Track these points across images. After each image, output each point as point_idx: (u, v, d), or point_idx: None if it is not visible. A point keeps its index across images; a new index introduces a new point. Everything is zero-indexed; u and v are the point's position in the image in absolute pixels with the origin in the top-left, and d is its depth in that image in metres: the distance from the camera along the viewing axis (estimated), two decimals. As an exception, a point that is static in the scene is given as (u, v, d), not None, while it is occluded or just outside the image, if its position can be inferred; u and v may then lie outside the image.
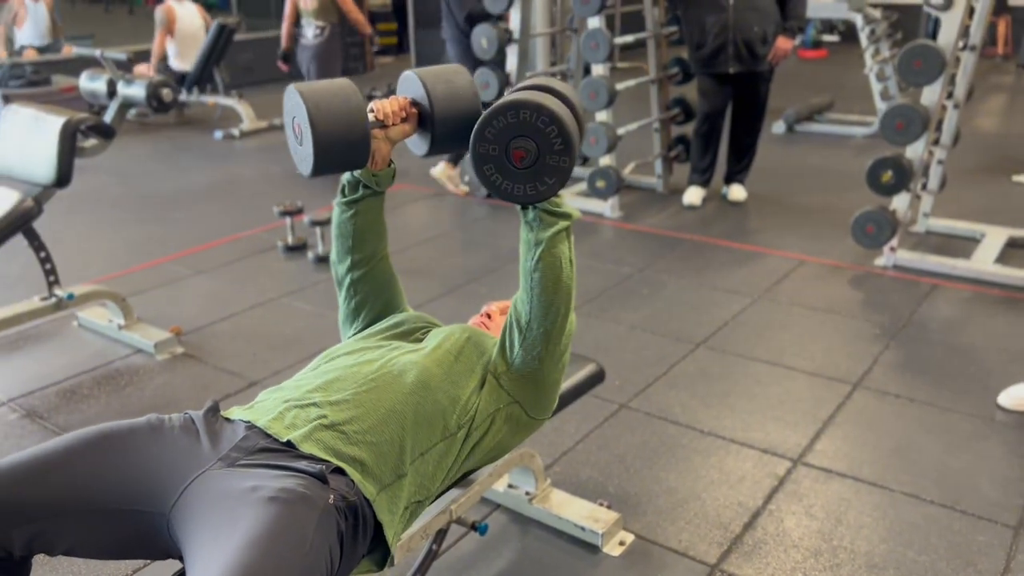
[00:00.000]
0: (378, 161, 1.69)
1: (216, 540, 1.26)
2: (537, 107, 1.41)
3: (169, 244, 4.39)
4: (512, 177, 1.45)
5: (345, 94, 1.54)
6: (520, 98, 1.43)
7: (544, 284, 1.55)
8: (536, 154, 1.43)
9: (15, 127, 2.94)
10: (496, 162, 1.45)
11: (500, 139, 1.44)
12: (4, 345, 3.27)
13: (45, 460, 1.40)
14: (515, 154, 1.44)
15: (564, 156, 1.44)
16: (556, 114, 1.42)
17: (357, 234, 1.76)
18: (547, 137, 1.42)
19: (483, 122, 1.44)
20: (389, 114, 1.63)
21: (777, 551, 2.13)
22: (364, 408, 1.50)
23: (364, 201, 1.74)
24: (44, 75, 6.89)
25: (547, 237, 1.53)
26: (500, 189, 1.47)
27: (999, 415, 2.71)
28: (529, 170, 1.45)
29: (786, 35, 4.53)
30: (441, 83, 1.63)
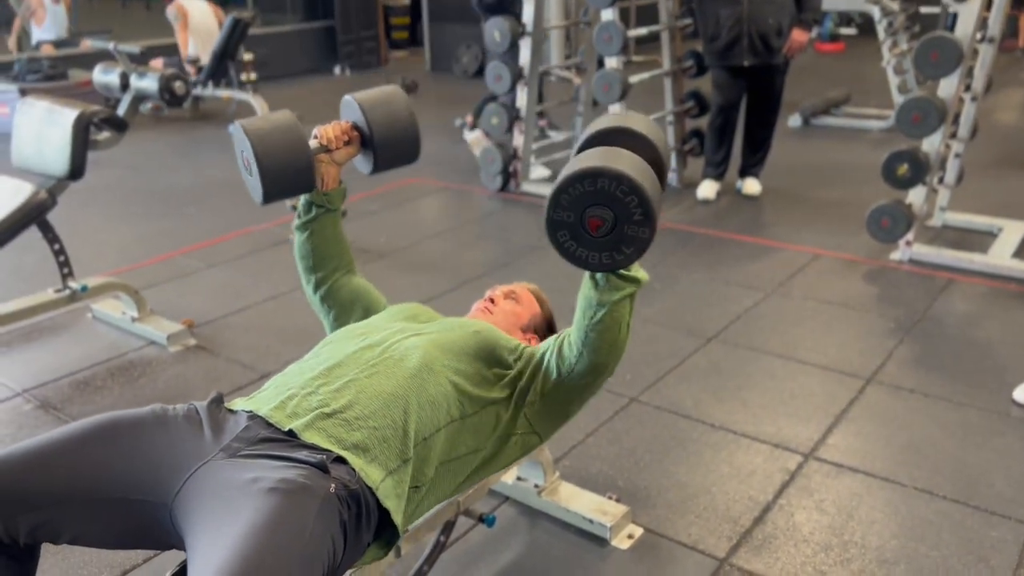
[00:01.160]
0: (328, 182, 1.80)
1: (217, 531, 1.27)
2: (617, 176, 1.34)
3: (182, 237, 4.41)
4: (587, 245, 1.39)
5: (287, 126, 1.66)
6: (600, 166, 1.35)
7: (599, 345, 1.53)
8: (613, 223, 1.36)
9: (30, 120, 2.96)
10: (571, 229, 1.39)
11: (576, 206, 1.37)
12: (19, 337, 3.30)
13: (50, 450, 1.42)
14: (591, 222, 1.37)
15: (644, 227, 1.36)
16: (637, 183, 1.34)
17: (316, 253, 1.84)
18: (626, 207, 1.35)
19: (559, 188, 1.37)
20: (332, 139, 1.76)
21: (787, 545, 2.11)
22: (366, 394, 1.50)
23: (318, 220, 1.82)
24: (61, 69, 6.93)
25: (612, 301, 1.48)
26: (574, 256, 1.41)
27: (1015, 411, 2.68)
28: (606, 239, 1.38)
29: (801, 27, 4.50)
30: (378, 106, 1.75)
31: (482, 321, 1.79)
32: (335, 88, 8.57)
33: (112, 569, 2.07)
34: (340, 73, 9.78)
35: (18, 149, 3.01)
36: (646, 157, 1.45)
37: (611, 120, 1.55)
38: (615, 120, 1.55)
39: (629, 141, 1.49)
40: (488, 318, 1.89)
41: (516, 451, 1.67)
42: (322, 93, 8.65)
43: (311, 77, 9.47)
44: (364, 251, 4.17)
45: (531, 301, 1.98)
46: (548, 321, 2.00)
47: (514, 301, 1.97)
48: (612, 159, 1.37)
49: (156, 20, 7.49)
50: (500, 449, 1.64)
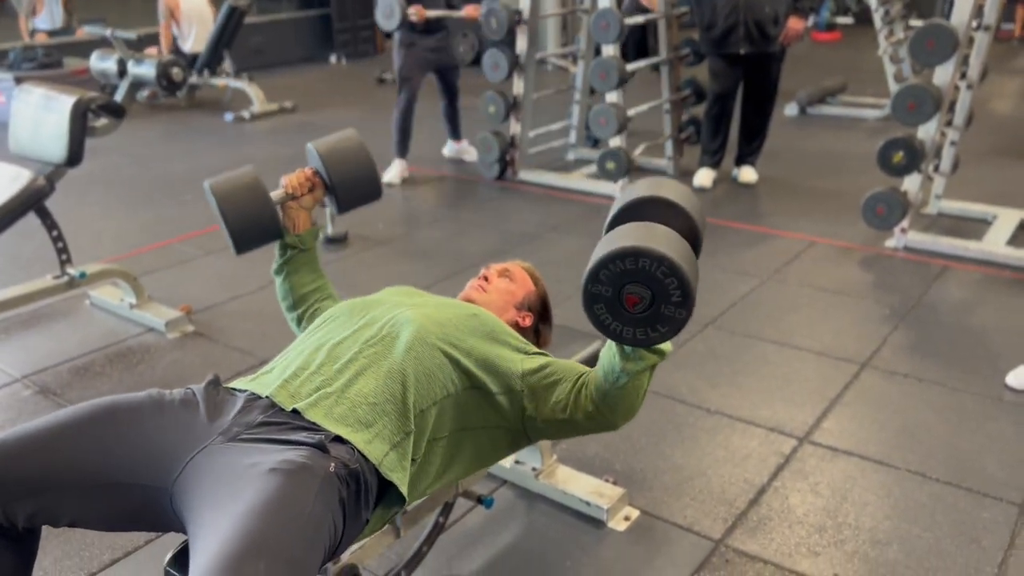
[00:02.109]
0: (298, 226, 1.90)
1: (219, 512, 1.28)
2: (659, 258, 1.33)
3: (180, 225, 4.42)
4: (623, 320, 1.39)
5: (248, 184, 1.82)
6: (641, 246, 1.34)
7: (616, 407, 1.54)
8: (651, 302, 1.36)
9: (27, 106, 2.97)
10: (608, 303, 1.39)
11: (615, 282, 1.37)
12: (17, 323, 3.31)
13: (47, 435, 1.42)
14: (629, 299, 1.37)
15: (682, 308, 1.36)
16: (677, 266, 1.33)
17: (295, 291, 1.91)
18: (665, 288, 1.35)
19: (600, 264, 1.36)
20: (296, 187, 1.86)
21: (782, 527, 2.14)
22: (366, 372, 1.52)
23: (294, 261, 1.91)
24: (56, 57, 6.92)
25: (636, 370, 1.49)
26: (609, 329, 1.41)
27: (1008, 395, 2.70)
28: (642, 316, 1.38)
29: (798, 15, 4.50)
30: (335, 152, 1.88)
31: (480, 308, 1.79)
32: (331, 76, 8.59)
33: (113, 551, 2.08)
34: (336, 62, 9.76)
35: (15, 136, 3.02)
36: (682, 228, 1.46)
37: (646, 188, 1.54)
38: (650, 188, 1.53)
39: (665, 212, 1.48)
40: (483, 296, 1.88)
41: (507, 446, 1.67)
42: (317, 82, 8.64)
43: (307, 65, 9.45)
44: (362, 238, 4.18)
45: (525, 279, 1.97)
46: (542, 299, 1.98)
47: (508, 279, 1.95)
48: (654, 238, 1.36)
49: (151, 8, 7.46)
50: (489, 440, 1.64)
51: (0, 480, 1.37)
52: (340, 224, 4.12)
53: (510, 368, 1.63)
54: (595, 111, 4.53)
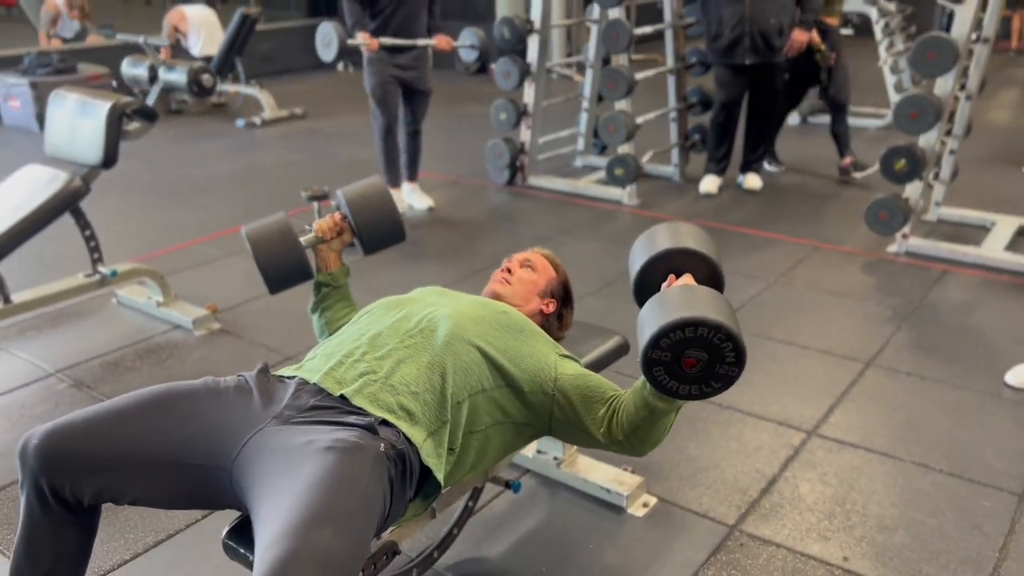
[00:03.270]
0: (330, 265, 2.04)
1: (280, 486, 1.38)
2: (716, 326, 1.44)
3: (199, 227, 4.52)
4: (679, 379, 1.49)
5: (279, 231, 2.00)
6: (700, 316, 1.44)
7: (644, 439, 1.64)
8: (707, 364, 1.47)
9: (63, 111, 3.07)
10: (667, 367, 1.49)
11: (675, 349, 1.46)
12: (47, 321, 3.41)
13: (112, 418, 1.53)
14: (687, 362, 1.47)
15: (735, 367, 1.47)
16: (733, 332, 1.45)
17: (331, 325, 2.04)
18: (721, 351, 1.45)
19: (661, 333, 1.46)
20: (325, 231, 2.02)
21: (793, 514, 2.25)
22: (407, 362, 1.62)
23: (328, 298, 2.05)
24: (71, 63, 7.02)
25: (664, 409, 1.59)
26: (665, 387, 1.51)
27: (1006, 392, 2.82)
28: (698, 375, 1.48)
29: (802, 27, 4.63)
30: (361, 199, 2.05)
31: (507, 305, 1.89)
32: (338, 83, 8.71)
33: (156, 533, 2.18)
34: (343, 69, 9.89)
35: (51, 139, 3.13)
36: (708, 275, 1.62)
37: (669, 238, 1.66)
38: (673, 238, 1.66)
39: (692, 261, 1.63)
40: (507, 288, 1.97)
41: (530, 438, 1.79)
42: (325, 88, 8.76)
43: (315, 72, 9.56)
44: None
45: (546, 267, 2.05)
46: (564, 284, 2.06)
47: (530, 269, 2.03)
48: (709, 307, 1.47)
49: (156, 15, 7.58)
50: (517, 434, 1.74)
51: (69, 459, 1.48)
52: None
53: (543, 370, 1.72)
54: (605, 119, 4.65)
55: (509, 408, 1.71)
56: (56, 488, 1.48)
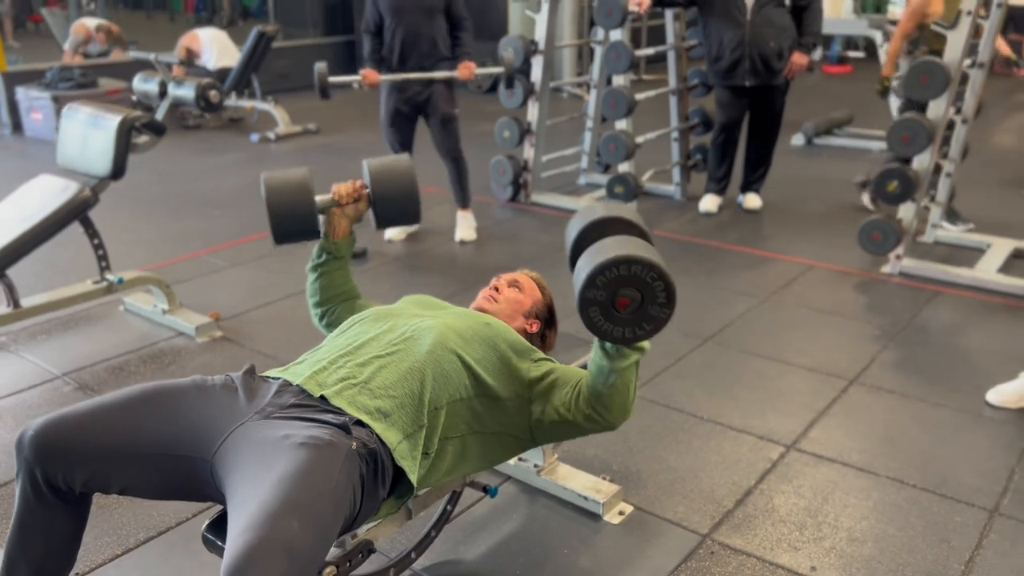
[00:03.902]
0: (338, 233, 2.06)
1: (255, 478, 1.46)
2: (649, 264, 1.53)
3: (208, 238, 4.64)
4: (613, 321, 1.58)
5: (298, 181, 1.99)
6: (634, 254, 1.53)
7: (610, 405, 1.73)
8: (640, 303, 1.55)
9: (75, 124, 3.20)
10: (602, 307, 1.56)
11: (609, 287, 1.54)
12: (57, 326, 3.53)
13: (103, 411, 1.62)
14: (620, 302, 1.56)
15: (667, 308, 1.56)
16: (663, 270, 1.54)
17: (324, 292, 2.08)
18: (653, 291, 1.54)
19: (597, 271, 1.54)
20: (343, 195, 2.04)
21: (765, 524, 2.30)
22: (388, 368, 1.70)
23: (327, 265, 2.07)
24: (91, 78, 7.21)
25: (622, 368, 1.67)
26: (600, 329, 1.59)
27: (987, 411, 2.86)
28: (631, 316, 1.57)
29: (802, 50, 4.71)
30: (384, 171, 2.05)
31: (492, 317, 1.97)
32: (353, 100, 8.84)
33: (147, 530, 2.27)
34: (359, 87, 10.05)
35: (63, 151, 3.25)
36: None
37: (606, 210, 1.77)
38: (609, 210, 1.77)
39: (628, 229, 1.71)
40: (493, 306, 2.06)
41: (514, 449, 1.86)
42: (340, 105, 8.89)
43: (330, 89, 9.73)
44: (380, 254, 4.39)
45: (533, 288, 2.15)
46: (548, 307, 2.16)
47: (517, 289, 2.13)
48: (642, 248, 1.56)
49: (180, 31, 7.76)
50: (498, 443, 1.81)
51: (61, 449, 1.57)
52: (359, 241, 4.32)
53: (520, 377, 1.80)
54: (605, 138, 4.74)
55: (487, 418, 1.79)
56: (49, 477, 1.57)
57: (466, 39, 4.37)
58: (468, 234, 4.64)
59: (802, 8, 4.69)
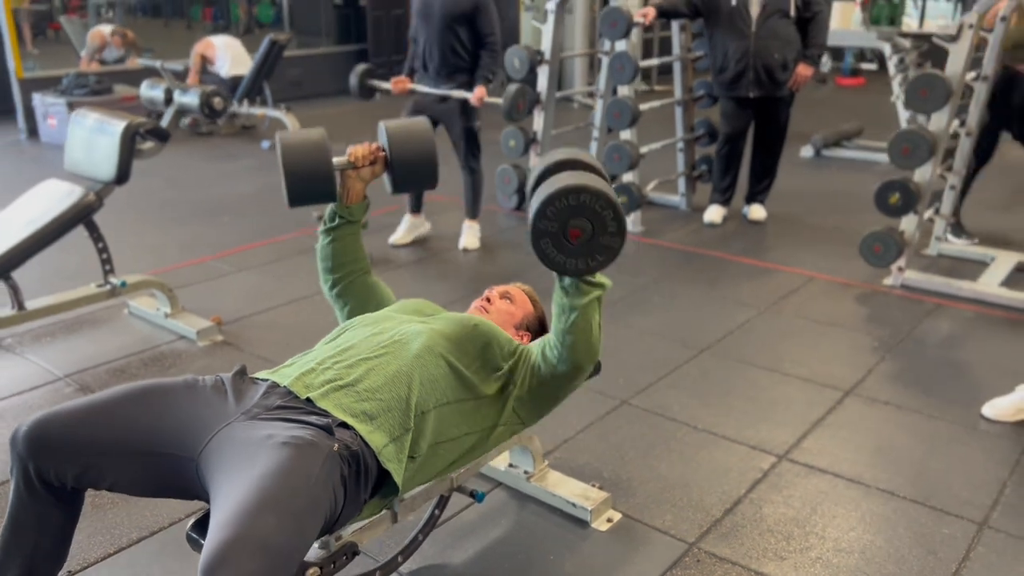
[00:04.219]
0: (352, 196, 2.02)
1: (236, 476, 1.49)
2: (597, 193, 1.56)
3: (215, 244, 4.69)
4: (566, 252, 1.61)
5: (315, 141, 1.91)
6: (581, 183, 1.57)
7: (575, 345, 1.76)
8: (591, 234, 1.59)
9: (82, 129, 3.25)
10: (553, 238, 1.60)
11: (560, 218, 1.58)
12: (62, 328, 3.58)
13: (95, 408, 1.66)
14: (572, 232, 1.59)
15: (617, 237, 1.60)
16: (612, 200, 1.57)
17: (335, 257, 2.07)
18: (603, 220, 1.58)
19: (547, 201, 1.58)
20: (359, 157, 1.98)
21: (752, 534, 2.30)
22: (375, 371, 1.73)
23: (340, 229, 2.05)
24: (107, 85, 7.31)
25: (582, 304, 1.71)
26: (553, 261, 1.63)
27: (982, 424, 2.85)
28: (583, 247, 1.60)
29: (806, 62, 4.71)
30: (402, 133, 1.98)
31: (481, 317, 2.01)
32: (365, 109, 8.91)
33: (140, 530, 2.30)
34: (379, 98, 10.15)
35: (70, 155, 3.31)
36: None
37: (566, 153, 1.80)
38: (569, 154, 1.80)
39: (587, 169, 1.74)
40: (484, 316, 2.10)
41: (503, 437, 1.89)
42: (352, 114, 8.97)
43: (343, 98, 9.79)
44: (385, 261, 4.42)
45: (524, 301, 2.20)
46: (540, 320, 2.21)
47: (509, 301, 2.18)
48: (592, 179, 1.60)
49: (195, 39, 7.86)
50: (488, 436, 1.86)
51: (54, 445, 1.60)
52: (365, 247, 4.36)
53: (504, 371, 1.86)
54: (609, 148, 4.76)
55: (478, 417, 1.83)
56: (41, 472, 1.61)
57: (486, 60, 4.37)
58: (472, 243, 4.68)
59: (807, 20, 4.70)
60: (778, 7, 4.61)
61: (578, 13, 9.15)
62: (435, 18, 4.33)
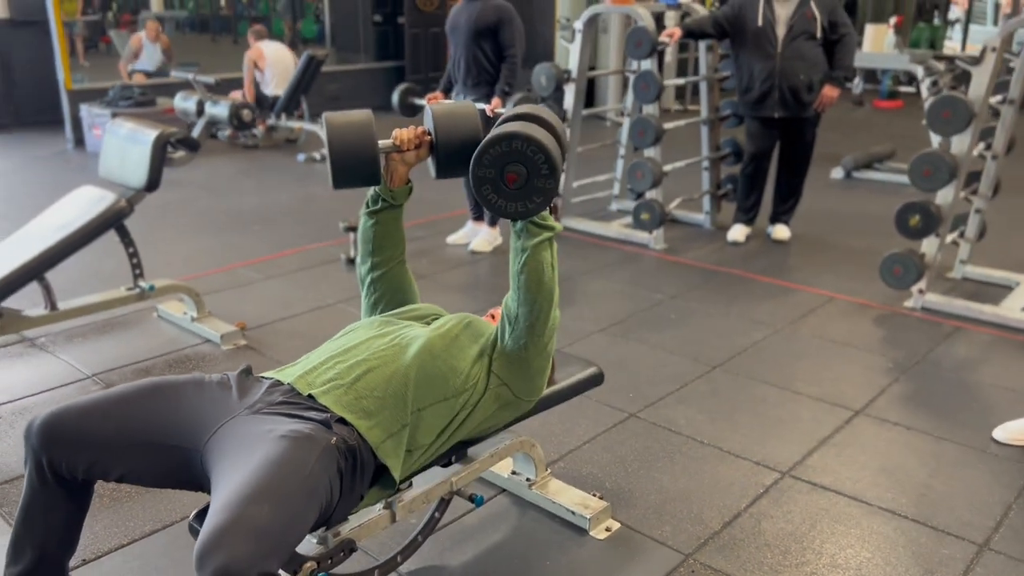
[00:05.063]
0: (395, 180, 2.04)
1: (235, 466, 1.57)
2: (527, 138, 1.68)
3: (245, 252, 4.82)
4: (505, 196, 1.73)
5: (361, 122, 1.91)
6: (513, 130, 1.70)
7: (529, 285, 1.84)
8: (526, 178, 1.70)
9: (116, 138, 3.39)
10: (492, 183, 1.72)
11: (496, 164, 1.70)
12: (93, 329, 3.71)
13: (106, 403, 1.74)
14: (508, 177, 1.71)
15: (550, 180, 1.71)
16: (543, 144, 1.69)
17: (376, 240, 2.10)
18: (535, 164, 1.70)
19: (481, 149, 1.71)
20: (404, 140, 1.98)
21: (749, 548, 2.32)
22: (374, 371, 1.80)
23: (383, 212, 2.08)
24: (150, 97, 7.54)
25: (532, 245, 1.81)
26: (495, 206, 1.75)
27: (992, 447, 2.83)
28: (520, 191, 1.72)
29: (832, 83, 4.72)
30: (448, 118, 1.95)
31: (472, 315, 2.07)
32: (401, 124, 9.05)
33: (154, 523, 2.39)
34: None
35: (105, 163, 3.45)
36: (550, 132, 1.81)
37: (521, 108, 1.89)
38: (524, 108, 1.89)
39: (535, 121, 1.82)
40: None
41: (491, 405, 1.93)
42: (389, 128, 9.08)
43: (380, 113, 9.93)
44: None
45: None
46: None
47: None
48: (524, 127, 1.71)
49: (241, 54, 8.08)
50: (477, 404, 1.91)
51: (65, 437, 1.69)
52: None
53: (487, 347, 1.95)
54: (632, 165, 4.81)
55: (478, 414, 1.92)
56: (54, 463, 1.69)
57: (505, 72, 4.51)
58: (482, 246, 4.87)
59: (834, 42, 4.71)
60: (804, 28, 4.64)
61: (612, 32, 9.23)
62: (462, 31, 4.54)
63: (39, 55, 8.38)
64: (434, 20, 10.42)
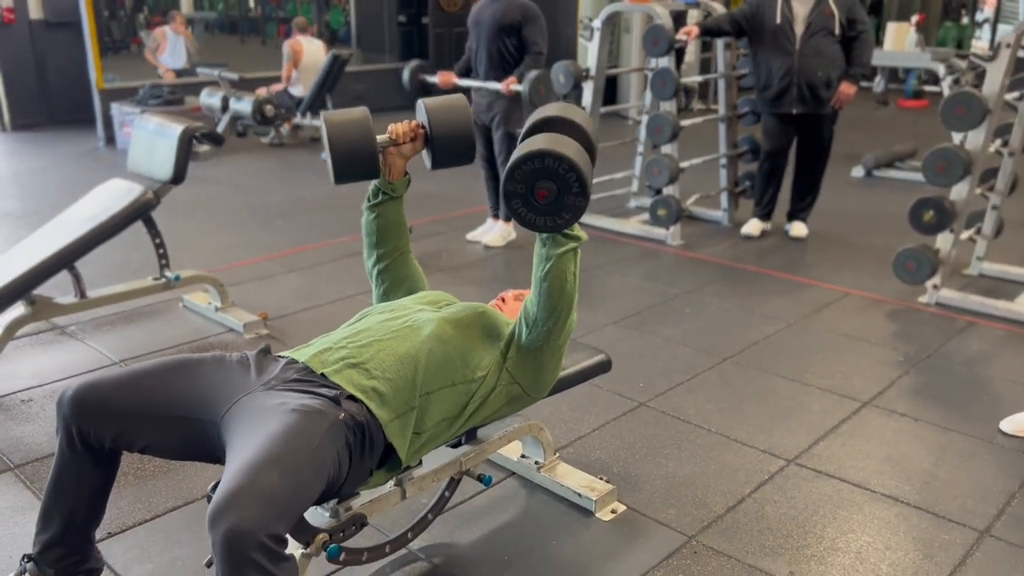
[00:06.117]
0: (394, 173, 2.13)
1: (248, 437, 1.65)
2: (560, 156, 1.70)
3: (269, 246, 4.93)
4: (535, 211, 1.76)
5: (358, 119, 2.00)
6: (546, 148, 1.71)
7: (551, 292, 1.89)
8: (556, 194, 1.73)
9: (144, 132, 3.51)
10: (523, 198, 1.75)
11: (527, 180, 1.72)
12: (121, 318, 3.83)
13: (133, 376, 1.84)
14: (539, 193, 1.73)
15: (580, 197, 1.73)
16: (575, 163, 1.70)
17: (379, 232, 2.19)
18: (567, 181, 1.71)
19: (513, 165, 1.72)
20: (400, 134, 2.08)
21: (751, 531, 2.37)
22: (385, 352, 1.88)
23: (383, 205, 2.17)
24: (179, 95, 7.70)
25: (557, 254, 1.85)
26: (524, 220, 1.78)
27: (999, 439, 2.86)
28: (550, 206, 1.75)
29: (850, 80, 4.74)
30: (441, 111, 2.06)
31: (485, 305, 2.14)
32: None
33: (176, 499, 2.49)
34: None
35: (133, 156, 3.56)
36: (581, 140, 1.83)
37: (554, 109, 1.91)
38: (557, 110, 1.91)
39: (567, 129, 1.85)
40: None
41: (501, 399, 2.00)
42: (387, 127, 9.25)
43: (404, 112, 10.08)
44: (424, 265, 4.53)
45: None
46: None
47: (521, 302, 2.31)
48: (556, 143, 1.74)
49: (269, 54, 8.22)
50: (487, 399, 1.98)
51: (94, 408, 1.79)
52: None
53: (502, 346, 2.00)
54: (649, 161, 4.86)
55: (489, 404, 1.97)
56: (83, 432, 1.79)
57: (528, 61, 4.61)
58: (496, 240, 4.96)
59: (852, 39, 4.73)
60: (822, 25, 4.66)
61: (635, 31, 9.27)
62: (484, 26, 4.64)
63: (72, 55, 8.59)
64: (458, 20, 10.51)
